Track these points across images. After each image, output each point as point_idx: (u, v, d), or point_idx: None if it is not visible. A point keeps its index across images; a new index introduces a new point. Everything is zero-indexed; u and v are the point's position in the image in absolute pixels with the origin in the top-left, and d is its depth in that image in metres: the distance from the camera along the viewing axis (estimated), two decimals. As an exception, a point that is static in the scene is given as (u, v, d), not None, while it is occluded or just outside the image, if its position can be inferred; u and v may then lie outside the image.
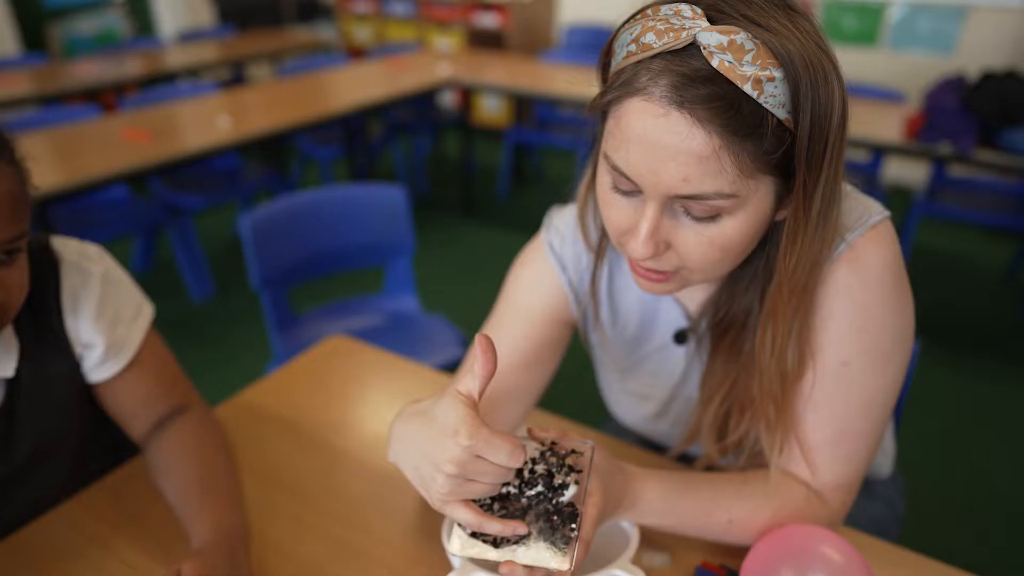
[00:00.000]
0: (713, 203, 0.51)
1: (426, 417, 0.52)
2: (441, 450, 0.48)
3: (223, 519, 0.69)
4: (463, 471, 0.47)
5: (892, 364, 0.64)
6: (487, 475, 0.48)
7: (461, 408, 0.48)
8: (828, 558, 0.61)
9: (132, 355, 0.76)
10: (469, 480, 0.49)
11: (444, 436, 0.48)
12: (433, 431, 0.50)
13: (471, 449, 0.47)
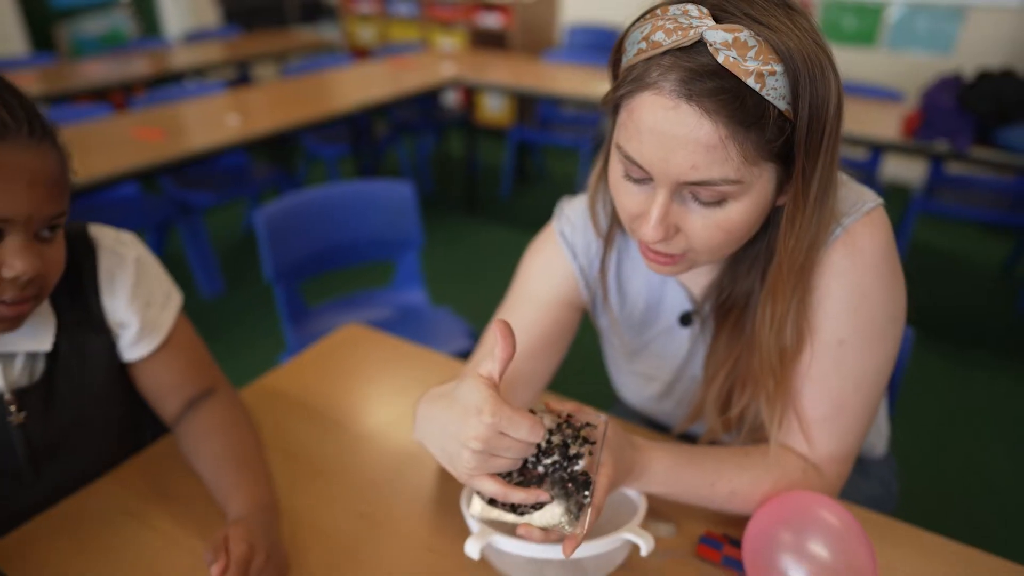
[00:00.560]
0: (719, 188, 0.55)
1: (450, 399, 0.55)
2: (466, 428, 0.51)
3: (257, 492, 0.74)
4: (487, 447, 0.51)
5: (885, 342, 0.68)
6: (510, 450, 0.52)
7: (484, 389, 0.51)
8: (825, 521, 0.65)
9: (164, 337, 0.80)
10: (493, 456, 0.52)
11: (468, 415, 0.51)
12: (457, 411, 0.53)
13: (494, 426, 0.50)
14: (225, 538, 0.65)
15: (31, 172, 0.60)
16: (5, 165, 0.58)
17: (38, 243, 0.63)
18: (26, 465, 0.73)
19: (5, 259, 0.60)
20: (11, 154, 0.59)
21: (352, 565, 0.70)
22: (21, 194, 0.59)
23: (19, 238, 0.61)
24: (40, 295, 0.65)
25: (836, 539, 0.64)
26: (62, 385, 0.74)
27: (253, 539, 0.65)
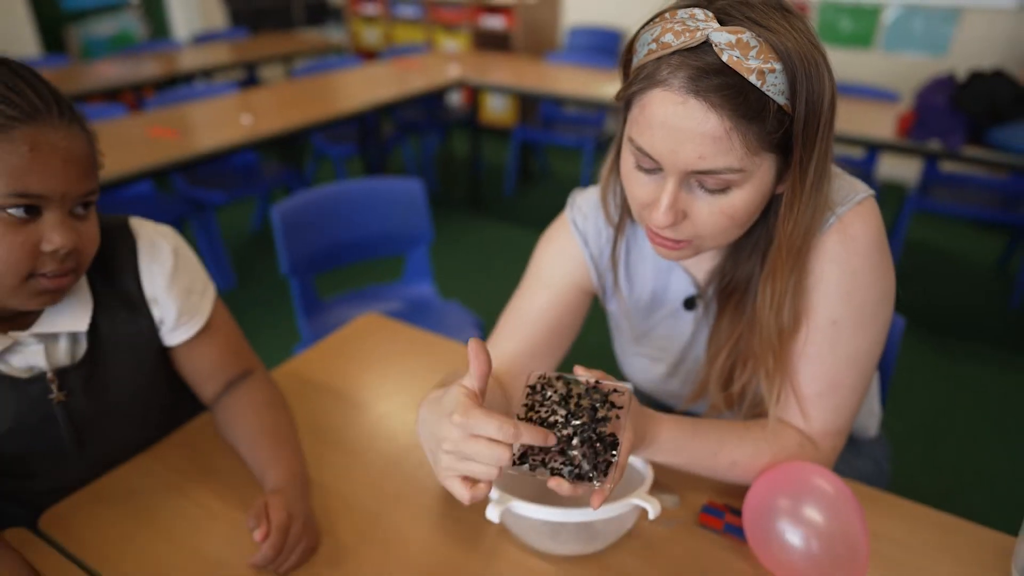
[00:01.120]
0: (724, 177, 0.60)
1: (438, 404, 0.60)
2: (441, 430, 0.56)
3: (292, 465, 0.79)
4: (457, 448, 0.55)
5: (876, 323, 0.74)
6: (480, 455, 0.54)
7: (461, 396, 0.56)
8: (820, 489, 0.70)
9: (204, 322, 0.85)
10: (467, 459, 0.55)
11: (444, 418, 0.56)
12: (437, 415, 0.58)
13: (464, 427, 0.54)
14: (265, 506, 0.70)
15: (64, 151, 0.65)
16: (40, 145, 0.63)
17: (73, 220, 0.68)
18: (69, 442, 0.78)
19: (44, 234, 0.65)
20: (45, 135, 0.63)
21: (377, 532, 0.75)
22: (56, 172, 0.64)
23: (56, 214, 0.65)
24: (78, 270, 0.70)
25: (830, 505, 0.69)
26: (103, 366, 0.79)
27: (291, 507, 0.71)
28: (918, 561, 0.73)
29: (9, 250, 0.63)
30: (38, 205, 0.64)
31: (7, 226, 0.63)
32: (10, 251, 0.63)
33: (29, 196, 0.63)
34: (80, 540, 0.73)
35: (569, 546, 0.71)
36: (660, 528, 0.76)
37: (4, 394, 0.72)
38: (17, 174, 0.62)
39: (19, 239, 0.64)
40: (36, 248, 0.65)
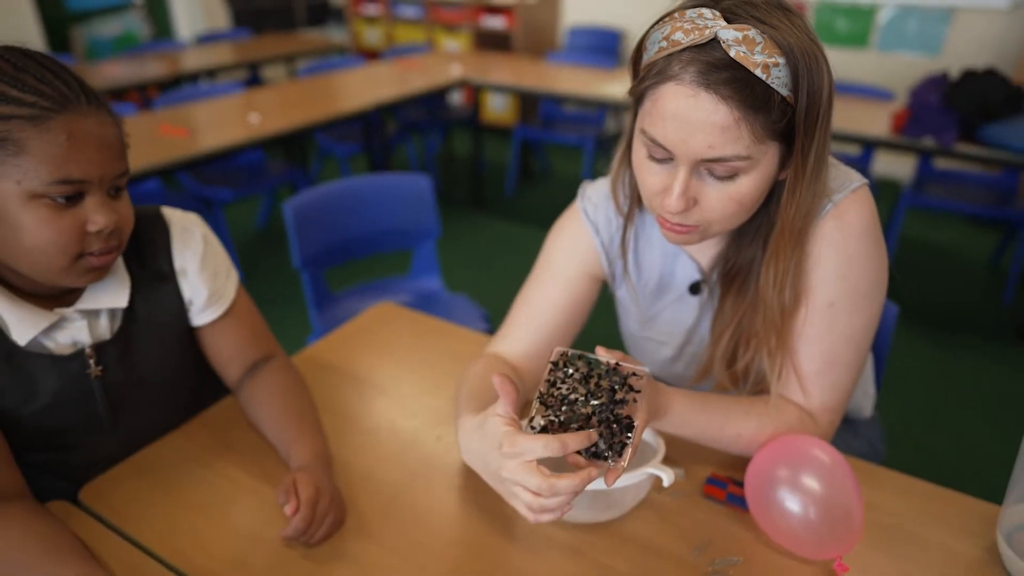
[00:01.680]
0: (733, 164, 0.65)
1: (481, 433, 0.67)
2: (493, 461, 0.65)
3: (316, 444, 0.83)
4: (513, 477, 0.62)
5: (870, 305, 0.78)
6: (530, 485, 0.61)
7: (501, 426, 0.64)
8: (818, 459, 0.75)
9: (229, 304, 0.90)
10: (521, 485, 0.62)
11: (493, 450, 0.64)
12: (485, 442, 0.66)
13: (514, 456, 0.62)
14: (293, 482, 0.74)
15: (97, 137, 0.69)
16: (76, 133, 0.66)
17: (111, 200, 0.73)
18: (105, 415, 0.83)
19: (89, 216, 0.69)
20: (78, 122, 0.67)
21: (399, 506, 0.80)
22: (93, 157, 0.68)
23: (97, 197, 0.70)
24: (119, 246, 0.75)
25: (827, 474, 0.74)
26: (137, 341, 0.83)
27: (318, 483, 0.75)
28: (909, 528, 0.77)
29: (59, 233, 0.68)
30: (80, 190, 0.69)
31: (54, 211, 0.67)
32: (60, 234, 0.68)
33: (71, 182, 0.67)
34: (118, 512, 0.77)
35: (585, 514, 0.76)
36: (667, 499, 0.81)
37: (46, 370, 0.77)
38: (58, 162, 0.66)
39: (66, 223, 0.68)
40: (82, 230, 0.69)
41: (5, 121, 0.64)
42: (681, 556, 0.74)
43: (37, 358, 0.76)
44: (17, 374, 0.75)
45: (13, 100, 0.65)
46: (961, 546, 0.75)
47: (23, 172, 0.65)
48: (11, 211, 0.66)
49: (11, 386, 0.75)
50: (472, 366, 0.86)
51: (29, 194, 0.66)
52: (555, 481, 0.60)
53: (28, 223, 0.67)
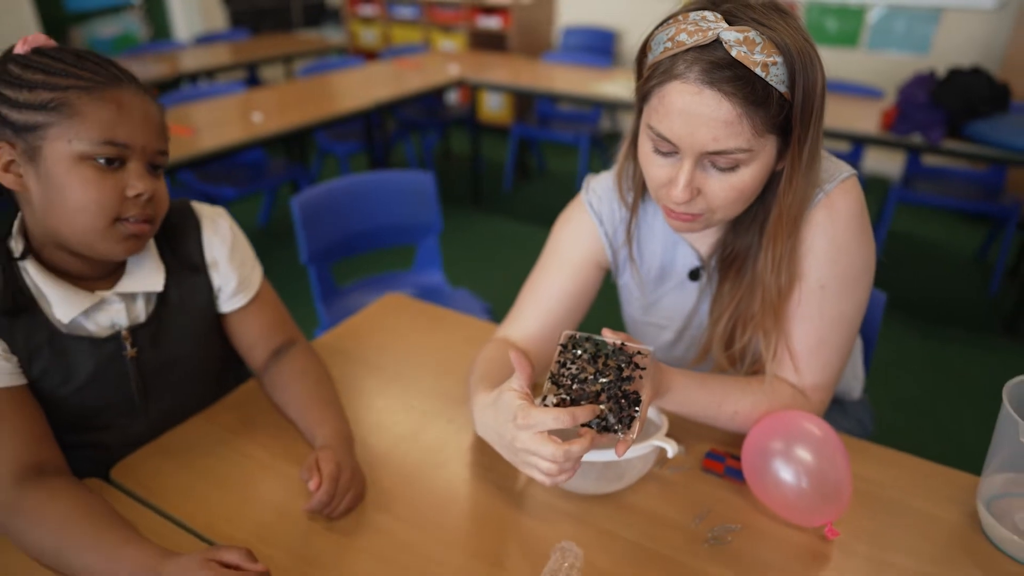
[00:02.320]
0: (734, 156, 0.69)
1: (495, 408, 0.72)
2: (507, 432, 0.69)
3: (338, 424, 0.87)
4: (526, 447, 0.67)
5: (859, 288, 0.83)
6: (544, 454, 0.66)
7: (515, 400, 0.69)
8: (810, 432, 0.79)
9: (255, 292, 0.95)
10: (535, 455, 0.67)
11: (508, 422, 0.69)
12: (501, 419, 0.71)
13: (527, 427, 0.66)
14: (316, 460, 0.79)
15: (142, 111, 0.77)
16: (125, 104, 0.75)
17: (149, 174, 0.79)
18: (137, 395, 0.87)
19: (129, 181, 0.76)
20: (128, 97, 0.75)
21: (416, 480, 0.84)
22: (138, 127, 0.76)
23: (137, 165, 0.77)
24: (153, 222, 0.80)
25: (818, 446, 0.79)
26: (168, 325, 0.88)
27: (340, 459, 0.79)
28: (895, 497, 0.83)
29: (100, 192, 0.74)
30: (123, 156, 0.75)
31: (98, 173, 0.74)
32: (101, 193, 0.74)
33: (116, 145, 0.74)
34: (149, 488, 0.82)
35: (593, 485, 0.81)
36: (669, 473, 0.86)
37: (84, 352, 0.81)
38: (107, 126, 0.73)
39: (108, 183, 0.74)
40: (122, 194, 0.75)
41: (64, 91, 0.72)
42: (683, 524, 0.78)
43: (76, 341, 0.81)
44: (57, 356, 0.80)
45: (72, 75, 0.73)
46: (943, 513, 0.80)
47: (74, 132, 0.72)
48: (60, 171, 0.73)
49: (52, 368, 0.80)
50: (483, 350, 0.91)
51: (78, 155, 0.73)
52: (567, 448, 0.65)
53: (74, 182, 0.73)
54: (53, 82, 0.73)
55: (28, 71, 0.73)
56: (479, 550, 0.75)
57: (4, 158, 0.74)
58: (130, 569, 0.66)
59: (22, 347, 0.78)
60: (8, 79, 0.73)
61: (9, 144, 0.74)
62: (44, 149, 0.73)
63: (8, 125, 0.73)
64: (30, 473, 0.73)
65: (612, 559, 0.74)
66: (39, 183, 0.74)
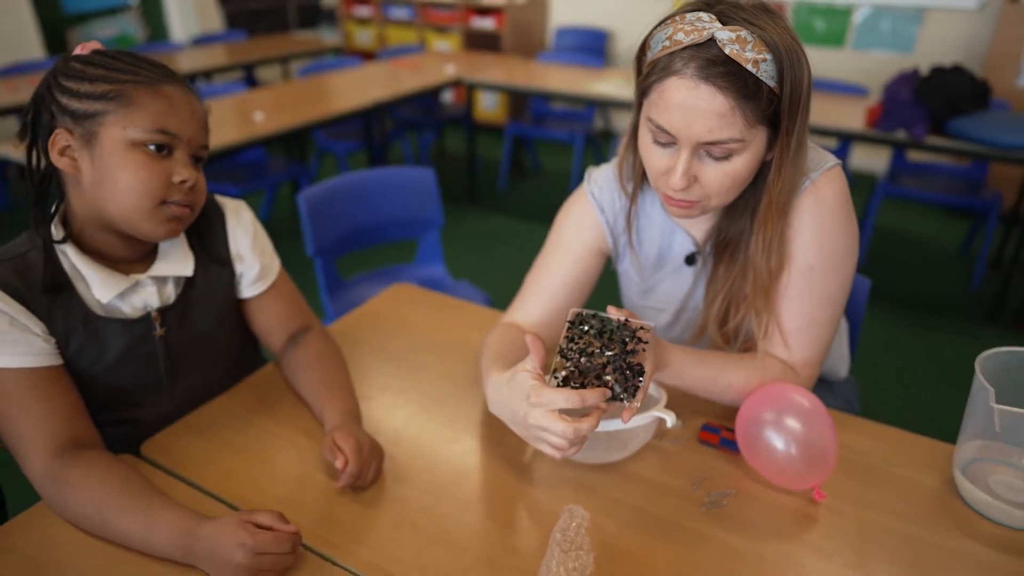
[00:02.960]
0: (728, 146, 0.75)
1: (509, 387, 0.77)
2: (520, 409, 0.74)
3: (346, 405, 0.92)
4: (538, 423, 0.72)
5: (843, 269, 0.89)
6: (556, 429, 0.71)
7: (528, 380, 0.74)
8: (799, 403, 0.85)
9: (274, 279, 1.00)
10: (547, 431, 0.72)
11: (521, 400, 0.74)
12: (515, 397, 0.76)
13: (540, 405, 0.71)
14: (333, 441, 0.83)
15: (190, 106, 0.83)
16: (176, 98, 0.81)
17: (192, 165, 0.85)
18: (165, 374, 0.92)
19: (175, 169, 0.82)
20: (178, 92, 0.82)
21: (430, 454, 0.90)
22: (186, 120, 0.82)
23: (183, 154, 0.83)
24: (194, 208, 0.86)
25: (806, 416, 0.84)
26: (194, 307, 0.93)
27: (355, 435, 0.84)
28: (877, 464, 0.89)
29: (150, 175, 0.80)
30: (171, 144, 0.81)
31: (148, 158, 0.80)
32: (151, 176, 0.80)
33: (166, 134, 0.80)
34: (178, 462, 0.87)
35: (597, 455, 0.86)
36: (667, 445, 0.91)
37: (116, 333, 0.86)
38: (159, 116, 0.80)
39: (157, 169, 0.80)
40: (168, 179, 0.81)
41: (121, 83, 0.79)
42: (681, 491, 0.84)
43: (110, 322, 0.86)
44: (91, 336, 0.85)
45: (129, 71, 0.80)
46: (923, 478, 0.87)
47: (130, 120, 0.79)
48: (114, 155, 0.79)
49: (86, 347, 0.84)
50: (492, 334, 0.96)
51: (131, 141, 0.79)
52: (576, 425, 0.71)
53: (127, 165, 0.79)
54: (112, 76, 0.79)
55: (89, 67, 0.80)
56: (492, 514, 0.80)
57: (61, 143, 0.79)
58: (168, 531, 0.71)
59: (60, 328, 0.82)
60: (71, 73, 0.80)
61: (67, 131, 0.79)
62: (100, 135, 0.79)
63: (68, 114, 0.79)
64: (68, 447, 0.78)
65: (616, 522, 0.79)
66: (93, 165, 0.80)
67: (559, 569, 0.70)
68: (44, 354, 0.80)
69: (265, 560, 0.68)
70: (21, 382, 0.78)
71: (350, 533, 0.77)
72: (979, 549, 0.76)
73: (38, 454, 0.77)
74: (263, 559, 0.68)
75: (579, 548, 0.73)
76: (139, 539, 0.72)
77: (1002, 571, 0.73)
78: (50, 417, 0.78)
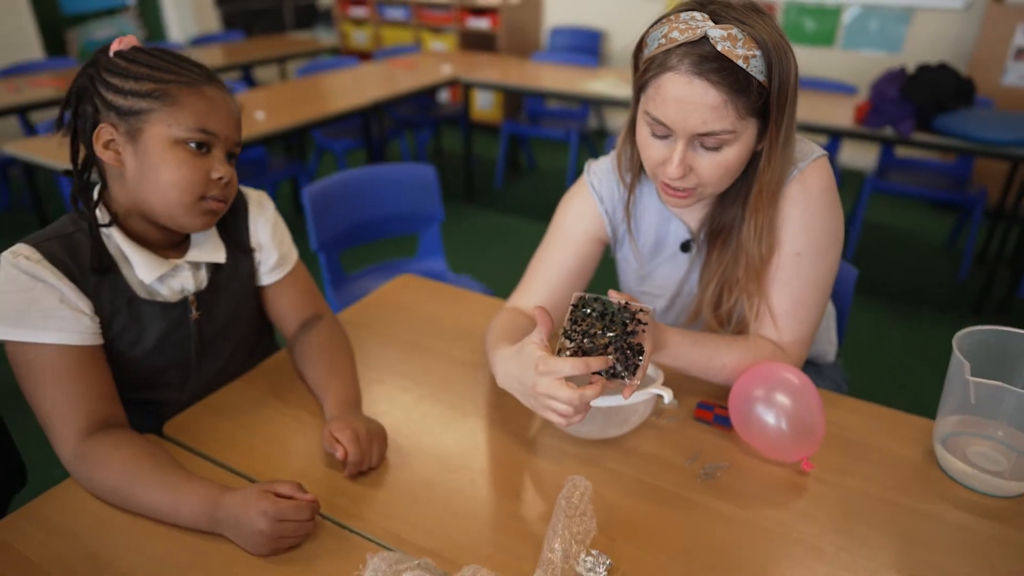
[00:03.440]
0: (721, 137, 0.80)
1: (517, 359, 0.81)
2: (528, 378, 0.78)
3: (344, 393, 0.95)
4: (546, 391, 0.75)
5: (830, 254, 0.94)
6: (563, 396, 0.75)
7: (536, 351, 0.78)
8: (788, 380, 0.90)
9: (291, 267, 1.05)
10: (554, 399, 0.76)
11: (529, 369, 0.78)
12: (522, 367, 0.79)
13: (547, 373, 0.75)
14: (331, 433, 0.86)
15: (228, 107, 0.88)
16: (216, 99, 0.86)
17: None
18: (195, 356, 0.97)
19: (213, 165, 0.86)
20: (218, 93, 0.87)
21: (439, 432, 0.94)
22: (224, 119, 0.87)
23: (220, 153, 0.87)
24: (228, 202, 0.91)
25: (796, 392, 0.89)
26: (221, 293, 0.98)
27: (350, 424, 0.86)
28: (863, 438, 0.94)
29: (191, 172, 0.84)
30: (210, 143, 0.86)
31: (190, 155, 0.84)
32: (192, 173, 0.85)
33: (207, 133, 0.85)
34: (199, 441, 0.91)
35: (599, 430, 0.91)
36: (664, 422, 0.96)
37: (156, 316, 0.90)
38: (201, 116, 0.84)
39: (197, 166, 0.85)
40: (207, 176, 0.86)
41: (166, 83, 0.83)
42: (678, 464, 0.89)
43: (150, 305, 0.90)
44: (134, 318, 0.89)
45: (172, 71, 0.84)
46: (905, 450, 0.92)
47: (173, 119, 0.83)
48: (158, 151, 0.83)
49: (128, 328, 0.89)
50: (497, 317, 1.01)
51: (174, 139, 0.83)
52: (581, 392, 0.75)
53: (170, 161, 0.83)
54: (157, 75, 0.83)
55: (134, 64, 0.84)
56: (499, 485, 0.85)
57: (105, 137, 0.83)
58: (194, 503, 0.75)
59: (106, 308, 0.86)
60: (116, 70, 0.83)
61: (112, 125, 0.83)
62: (145, 131, 0.83)
63: (113, 109, 0.83)
64: (98, 426, 0.82)
65: (616, 491, 0.84)
66: (136, 160, 0.84)
67: (564, 532, 0.75)
68: (89, 333, 0.84)
69: (286, 527, 0.72)
70: (63, 359, 0.81)
71: (364, 503, 0.82)
72: (958, 514, 0.81)
73: (70, 432, 0.80)
74: (284, 526, 0.72)
75: (583, 515, 0.78)
76: (167, 511, 0.76)
77: (979, 534, 0.78)
78: (85, 397, 0.81)
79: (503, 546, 0.76)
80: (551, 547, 0.73)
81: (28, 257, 0.81)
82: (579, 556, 0.73)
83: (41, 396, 0.81)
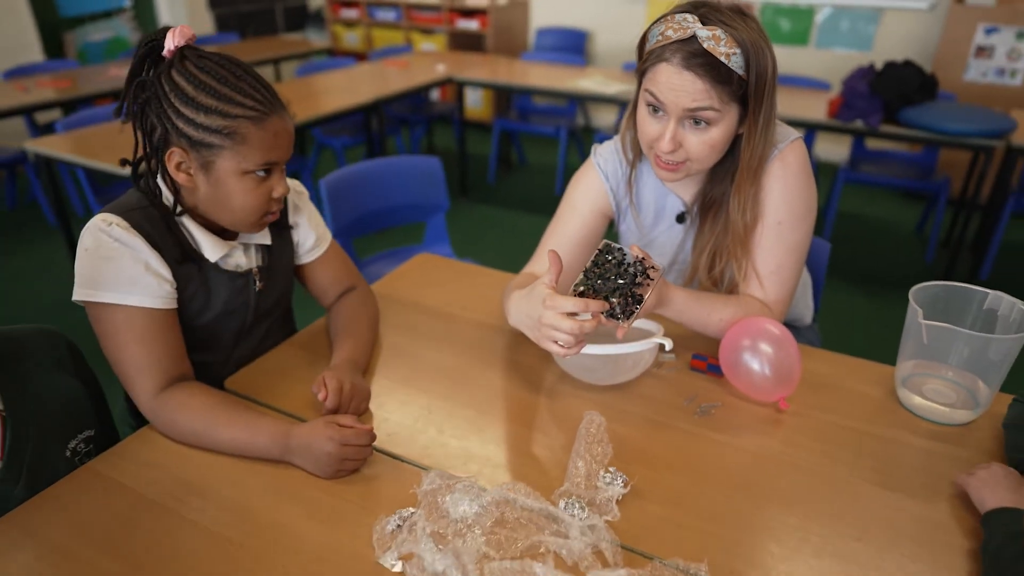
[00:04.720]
0: (707, 113, 0.94)
1: (528, 297, 0.95)
2: (535, 311, 0.91)
3: (351, 352, 1.06)
4: (550, 323, 0.88)
5: (805, 223, 1.09)
6: (565, 326, 0.88)
7: (544, 289, 0.90)
8: (771, 331, 1.04)
9: (327, 246, 1.17)
10: (557, 329, 0.88)
11: (537, 303, 0.91)
12: (531, 303, 0.93)
13: (553, 307, 0.88)
14: (323, 378, 0.97)
15: (287, 133, 0.94)
16: (279, 130, 0.92)
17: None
18: (251, 323, 1.09)
19: (275, 186, 0.96)
20: (279, 121, 0.92)
21: (459, 377, 1.07)
22: (284, 147, 0.94)
23: (279, 173, 0.96)
24: (279, 210, 1.01)
25: (777, 342, 1.03)
26: (274, 268, 1.10)
27: (340, 376, 0.97)
28: (833, 382, 1.09)
29: (257, 198, 0.94)
30: (272, 169, 0.95)
31: (256, 183, 0.93)
32: (258, 198, 0.94)
33: (271, 164, 0.93)
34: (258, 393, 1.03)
35: (607, 376, 1.05)
36: (664, 372, 1.11)
37: (223, 284, 1.02)
38: (266, 150, 0.91)
39: (262, 190, 0.94)
40: (269, 196, 0.96)
41: (235, 119, 0.88)
42: (677, 404, 1.03)
43: (220, 273, 1.01)
44: (204, 285, 1.00)
45: (239, 104, 0.88)
46: (871, 391, 1.07)
47: (243, 156, 0.90)
48: (229, 181, 0.92)
49: (199, 294, 1.00)
50: (513, 280, 1.15)
51: (243, 171, 0.91)
52: (580, 323, 0.88)
53: (239, 190, 0.92)
54: (224, 109, 0.87)
55: (201, 93, 0.87)
56: (525, 421, 0.99)
57: (177, 160, 0.90)
58: (268, 433, 0.87)
59: (182, 275, 0.97)
60: (183, 97, 0.87)
61: (183, 150, 0.89)
62: (216, 164, 0.90)
63: (184, 137, 0.88)
64: (173, 380, 0.93)
65: (626, 426, 0.98)
66: (208, 186, 0.92)
67: (586, 455, 0.89)
68: (168, 297, 0.94)
69: (349, 450, 0.85)
70: (145, 320, 0.92)
71: (408, 438, 0.95)
72: (917, 439, 0.96)
73: (152, 386, 0.91)
74: (347, 449, 0.85)
75: (600, 441, 0.92)
76: (244, 444, 0.88)
77: (934, 455, 0.93)
78: (162, 353, 0.93)
79: (533, 467, 0.90)
80: (575, 466, 0.87)
81: (119, 225, 0.91)
82: (599, 473, 0.87)
83: (126, 353, 0.91)
